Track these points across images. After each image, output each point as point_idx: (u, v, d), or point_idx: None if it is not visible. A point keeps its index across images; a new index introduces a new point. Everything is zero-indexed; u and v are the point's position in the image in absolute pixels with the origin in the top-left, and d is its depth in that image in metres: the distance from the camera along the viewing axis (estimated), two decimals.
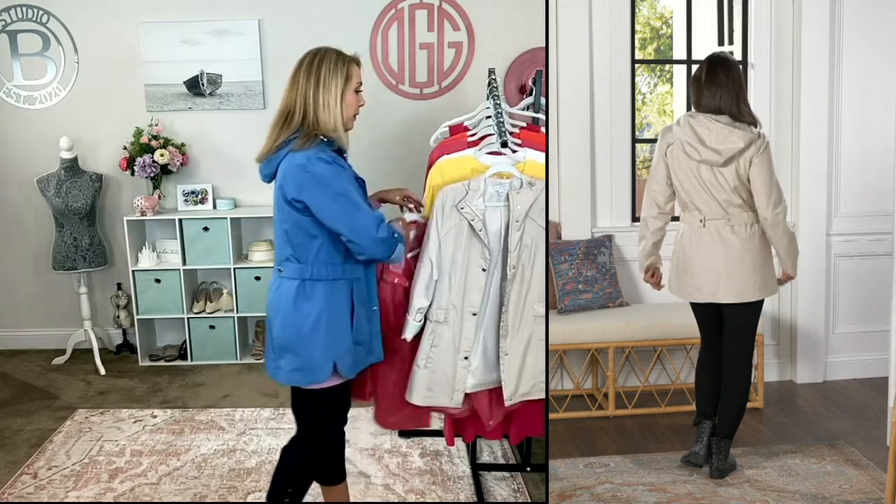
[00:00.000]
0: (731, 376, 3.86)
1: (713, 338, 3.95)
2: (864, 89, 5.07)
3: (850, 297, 5.19)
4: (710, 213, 3.73)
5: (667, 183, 3.82)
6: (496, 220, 3.20)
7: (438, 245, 3.18)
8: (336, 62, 2.85)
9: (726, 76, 3.68)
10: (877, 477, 3.81)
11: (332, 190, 2.74)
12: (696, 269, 3.79)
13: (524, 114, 4.01)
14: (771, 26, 5.05)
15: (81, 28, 5.92)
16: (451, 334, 3.24)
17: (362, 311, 2.99)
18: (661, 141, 3.81)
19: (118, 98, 5.96)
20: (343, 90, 2.84)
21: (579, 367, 4.95)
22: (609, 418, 4.67)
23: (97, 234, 5.85)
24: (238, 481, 4.07)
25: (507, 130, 3.39)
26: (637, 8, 5.11)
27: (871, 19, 5.04)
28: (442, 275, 3.20)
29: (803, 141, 5.01)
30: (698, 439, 3.95)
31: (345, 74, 2.84)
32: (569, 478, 3.93)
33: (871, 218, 5.08)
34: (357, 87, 2.90)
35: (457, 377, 3.27)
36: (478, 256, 3.19)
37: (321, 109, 2.80)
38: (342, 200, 2.75)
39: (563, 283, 4.86)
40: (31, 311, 6.25)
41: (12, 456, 4.39)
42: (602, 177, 5.08)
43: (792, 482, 3.81)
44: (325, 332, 2.89)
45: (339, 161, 2.82)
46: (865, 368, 5.14)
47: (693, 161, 3.68)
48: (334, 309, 2.91)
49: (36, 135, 5.98)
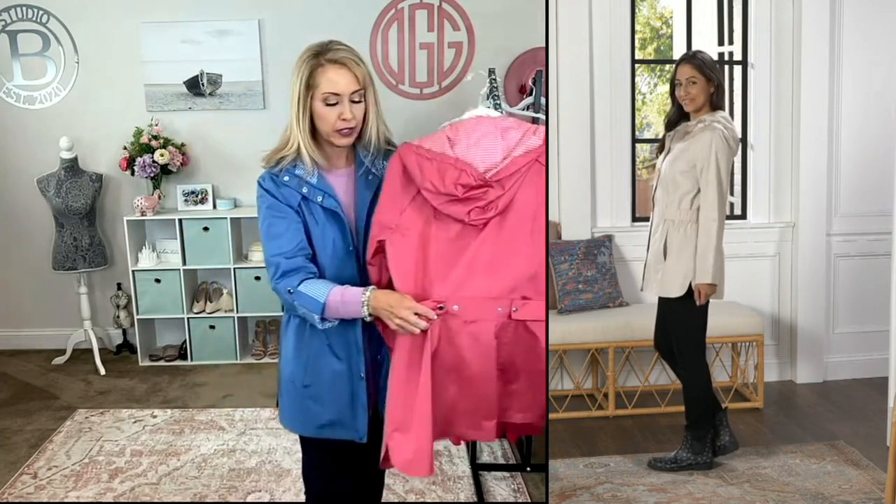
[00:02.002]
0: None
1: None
2: (864, 89, 5.07)
3: (850, 297, 5.19)
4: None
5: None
6: None
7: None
8: (300, 66, 2.39)
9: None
10: (877, 477, 3.81)
11: (260, 218, 2.46)
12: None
13: (524, 114, 4.01)
14: (771, 26, 5.05)
15: (81, 28, 5.92)
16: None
17: (342, 371, 2.53)
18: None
19: (118, 98, 5.96)
20: (305, 100, 2.37)
21: (579, 367, 4.95)
22: (609, 418, 4.67)
23: (97, 234, 5.85)
24: (238, 481, 4.07)
25: None
26: (637, 8, 5.11)
27: (871, 19, 5.03)
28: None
29: (803, 141, 5.01)
30: (722, 430, 3.99)
31: (304, 82, 2.35)
32: (569, 478, 3.93)
33: (871, 218, 5.07)
34: (325, 97, 2.35)
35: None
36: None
37: (292, 121, 2.42)
38: (263, 233, 2.45)
39: (563, 283, 4.86)
40: (31, 311, 6.24)
41: (12, 456, 4.40)
42: (602, 177, 5.07)
43: (792, 482, 3.81)
44: (284, 382, 2.60)
45: (285, 185, 2.41)
46: (865, 368, 5.13)
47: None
48: (300, 358, 2.55)
49: (36, 135, 5.98)
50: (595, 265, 4.91)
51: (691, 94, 3.73)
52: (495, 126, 2.44)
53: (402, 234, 2.37)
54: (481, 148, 2.40)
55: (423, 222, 2.39)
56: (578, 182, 5.02)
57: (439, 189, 2.34)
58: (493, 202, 2.36)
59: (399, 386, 2.38)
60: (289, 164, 2.42)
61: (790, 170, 5.09)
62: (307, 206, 2.44)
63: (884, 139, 4.93)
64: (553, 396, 4.77)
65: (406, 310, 2.29)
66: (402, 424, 2.38)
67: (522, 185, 2.38)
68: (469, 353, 2.38)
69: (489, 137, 2.41)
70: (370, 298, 2.34)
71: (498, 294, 2.37)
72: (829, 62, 5.01)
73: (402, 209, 2.39)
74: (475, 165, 2.37)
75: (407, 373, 2.38)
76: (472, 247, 2.37)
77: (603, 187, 5.09)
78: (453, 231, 2.38)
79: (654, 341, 4.11)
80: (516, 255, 2.38)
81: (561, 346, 4.66)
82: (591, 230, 5.07)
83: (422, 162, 2.38)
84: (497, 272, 2.37)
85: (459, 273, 2.37)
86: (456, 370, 2.41)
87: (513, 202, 2.38)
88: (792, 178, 5.09)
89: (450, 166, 2.36)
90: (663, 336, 4.01)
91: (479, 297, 2.36)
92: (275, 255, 2.41)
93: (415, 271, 2.37)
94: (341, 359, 2.51)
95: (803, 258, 5.07)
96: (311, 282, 2.39)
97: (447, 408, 2.45)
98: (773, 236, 5.10)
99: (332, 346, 2.51)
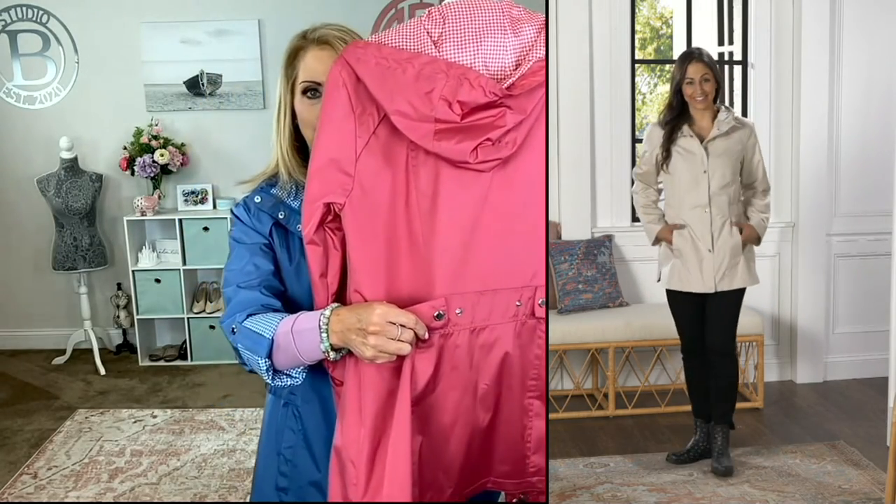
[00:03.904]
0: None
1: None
2: (864, 89, 5.07)
3: (850, 298, 5.19)
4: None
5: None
6: None
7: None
8: (286, 54, 1.88)
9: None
10: (877, 477, 3.81)
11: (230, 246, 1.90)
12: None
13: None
14: (771, 26, 5.05)
15: (81, 28, 5.92)
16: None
17: (320, 446, 1.88)
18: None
19: (118, 98, 5.96)
20: (285, 96, 1.85)
21: (579, 367, 4.95)
22: (609, 418, 4.67)
23: (97, 234, 5.85)
24: (238, 481, 4.07)
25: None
26: (637, 8, 5.11)
27: (871, 19, 5.03)
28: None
29: (803, 141, 5.01)
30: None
31: (283, 71, 1.87)
32: (569, 478, 3.92)
33: (871, 218, 5.07)
34: (304, 87, 1.80)
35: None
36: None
37: (272, 126, 1.89)
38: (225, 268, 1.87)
39: (563, 283, 4.86)
40: (31, 311, 6.24)
41: (12, 456, 4.39)
42: (602, 177, 5.07)
43: (792, 482, 3.81)
44: (258, 480, 2.05)
45: (257, 207, 1.86)
46: (865, 368, 5.13)
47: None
48: (270, 436, 2.00)
49: (36, 135, 5.98)
50: (595, 265, 4.91)
51: (706, 91, 3.72)
52: (501, 12, 1.56)
53: (363, 193, 1.53)
54: (484, 45, 1.53)
55: (391, 173, 1.52)
56: (578, 182, 5.02)
57: (422, 111, 1.47)
58: (510, 133, 1.50)
59: (356, 452, 1.57)
60: (264, 182, 1.88)
61: (790, 169, 5.09)
62: (280, 235, 1.83)
63: (884, 139, 4.92)
64: (553, 396, 4.77)
65: (380, 318, 1.49)
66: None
67: (539, 117, 1.54)
68: (485, 379, 1.62)
69: (495, 29, 1.54)
70: (331, 318, 1.57)
71: (518, 282, 1.59)
72: (829, 62, 5.01)
73: (357, 152, 1.53)
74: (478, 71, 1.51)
75: (373, 429, 1.54)
76: (476, 207, 1.53)
77: (603, 187, 5.09)
78: (446, 183, 1.52)
79: (689, 343, 4.02)
80: (530, 223, 1.58)
81: (561, 346, 4.66)
82: (591, 230, 5.06)
83: (386, 70, 1.50)
84: (512, 247, 1.57)
85: (457, 253, 1.54)
86: (466, 414, 1.63)
87: (528, 140, 1.53)
88: (792, 178, 5.09)
89: (439, 74, 1.47)
90: (699, 335, 3.96)
91: (492, 289, 1.57)
92: (227, 287, 1.80)
93: (387, 258, 1.55)
94: (321, 468, 1.87)
95: (803, 258, 5.07)
96: (260, 315, 1.70)
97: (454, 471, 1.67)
98: (774, 236, 5.10)
99: (309, 440, 1.90)
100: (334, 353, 1.59)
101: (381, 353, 1.50)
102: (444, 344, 1.55)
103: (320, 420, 1.87)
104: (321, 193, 1.55)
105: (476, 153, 1.47)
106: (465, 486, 1.70)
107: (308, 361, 1.64)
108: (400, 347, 1.49)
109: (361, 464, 1.53)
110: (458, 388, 1.58)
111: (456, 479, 1.66)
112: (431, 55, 1.51)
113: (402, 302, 1.52)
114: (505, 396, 1.64)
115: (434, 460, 1.61)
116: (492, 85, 1.46)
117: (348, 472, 1.56)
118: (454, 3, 1.57)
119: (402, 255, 1.53)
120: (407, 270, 1.54)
